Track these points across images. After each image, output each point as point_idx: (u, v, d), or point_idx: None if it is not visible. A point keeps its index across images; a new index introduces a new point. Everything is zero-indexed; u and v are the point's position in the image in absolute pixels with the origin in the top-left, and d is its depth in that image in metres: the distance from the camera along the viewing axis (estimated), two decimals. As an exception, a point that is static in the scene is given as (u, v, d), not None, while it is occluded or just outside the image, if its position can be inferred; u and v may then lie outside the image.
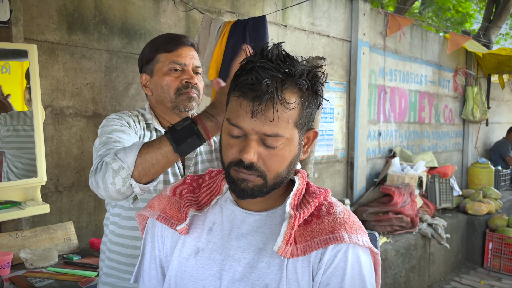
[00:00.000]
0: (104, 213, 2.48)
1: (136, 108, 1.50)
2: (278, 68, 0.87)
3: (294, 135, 0.91)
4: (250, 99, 0.86)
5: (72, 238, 2.14)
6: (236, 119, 0.89)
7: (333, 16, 3.95)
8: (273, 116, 0.86)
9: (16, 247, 1.94)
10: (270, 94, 0.85)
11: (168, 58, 1.42)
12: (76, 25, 2.31)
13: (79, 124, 2.35)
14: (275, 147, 0.89)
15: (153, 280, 1.05)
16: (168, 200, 1.05)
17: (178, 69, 1.42)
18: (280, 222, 0.95)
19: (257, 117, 0.86)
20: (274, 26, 3.38)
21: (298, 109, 0.89)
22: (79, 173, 2.37)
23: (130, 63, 2.54)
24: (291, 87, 0.88)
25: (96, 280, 1.76)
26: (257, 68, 0.86)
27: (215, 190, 1.03)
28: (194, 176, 1.09)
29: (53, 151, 2.25)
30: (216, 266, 0.95)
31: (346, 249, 0.90)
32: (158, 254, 1.05)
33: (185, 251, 0.99)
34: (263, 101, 0.85)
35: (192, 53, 1.45)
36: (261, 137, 0.88)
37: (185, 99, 1.39)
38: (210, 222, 1.00)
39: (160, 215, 1.03)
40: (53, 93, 2.25)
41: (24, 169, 1.95)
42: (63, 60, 2.27)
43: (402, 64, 4.82)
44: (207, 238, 0.98)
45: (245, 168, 0.89)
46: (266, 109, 0.85)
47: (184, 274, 0.97)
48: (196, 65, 1.45)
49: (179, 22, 2.78)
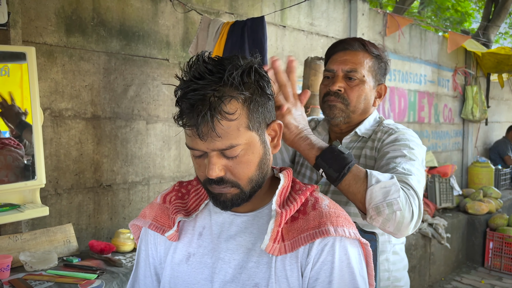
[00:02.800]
0: (103, 215, 2.48)
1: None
2: (209, 83, 0.85)
3: (252, 138, 0.89)
4: (193, 126, 0.85)
5: (72, 241, 2.14)
6: (191, 143, 0.89)
7: (331, 16, 3.95)
8: (219, 131, 0.85)
9: (16, 250, 1.93)
10: (206, 116, 0.83)
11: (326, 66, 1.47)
12: (74, 27, 2.31)
13: (78, 126, 2.35)
14: (236, 156, 0.88)
15: (148, 287, 1.07)
16: (159, 208, 1.06)
17: (328, 76, 1.43)
18: (267, 221, 0.96)
19: (205, 138, 0.85)
20: (273, 27, 3.37)
21: (245, 113, 0.87)
22: (78, 175, 2.36)
23: (129, 65, 2.54)
24: (229, 93, 0.85)
25: (96, 282, 1.76)
26: (188, 94, 0.85)
27: (203, 195, 1.04)
28: (183, 183, 1.10)
29: (52, 153, 2.25)
30: (207, 270, 0.96)
31: (333, 243, 0.91)
32: (152, 262, 1.06)
33: (176, 256, 1.00)
34: (203, 124, 0.84)
35: (346, 57, 1.40)
36: (219, 151, 0.88)
37: (326, 107, 1.41)
38: (200, 227, 1.01)
39: (152, 223, 1.04)
40: (52, 95, 2.24)
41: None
42: (62, 62, 2.27)
43: (401, 64, 4.82)
44: (197, 242, 0.99)
45: (216, 184, 0.90)
46: (210, 129, 0.85)
47: (177, 279, 0.98)
48: (346, 70, 1.38)
49: (178, 24, 2.78)
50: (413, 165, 1.23)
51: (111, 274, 1.87)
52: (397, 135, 1.34)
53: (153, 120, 2.67)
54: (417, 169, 1.23)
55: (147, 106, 2.63)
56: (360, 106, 1.40)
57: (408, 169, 1.20)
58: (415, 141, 1.33)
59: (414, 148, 1.29)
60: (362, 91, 1.38)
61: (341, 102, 1.38)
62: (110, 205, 2.51)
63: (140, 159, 2.62)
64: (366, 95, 1.40)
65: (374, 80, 1.42)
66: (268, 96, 0.93)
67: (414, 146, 1.30)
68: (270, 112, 0.95)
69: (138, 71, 2.59)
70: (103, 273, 1.85)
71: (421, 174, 1.24)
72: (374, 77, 1.41)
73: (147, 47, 2.62)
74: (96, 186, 2.44)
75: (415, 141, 1.33)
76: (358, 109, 1.40)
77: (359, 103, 1.39)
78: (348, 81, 1.38)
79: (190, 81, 0.86)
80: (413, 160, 1.24)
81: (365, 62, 1.39)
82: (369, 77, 1.39)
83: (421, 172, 1.25)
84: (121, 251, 2.17)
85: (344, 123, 1.43)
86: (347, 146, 1.43)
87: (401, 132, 1.35)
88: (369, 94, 1.40)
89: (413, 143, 1.30)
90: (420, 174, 1.23)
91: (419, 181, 1.20)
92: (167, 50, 2.73)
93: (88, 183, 2.40)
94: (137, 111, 2.59)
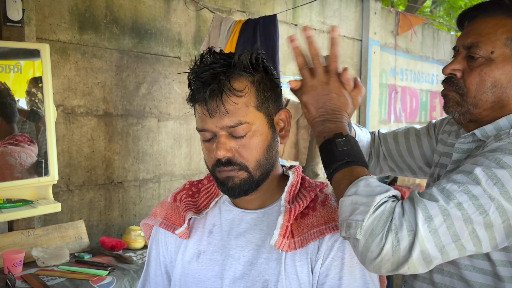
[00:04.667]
0: (114, 212, 2.49)
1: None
2: (218, 65, 0.88)
3: (261, 119, 0.91)
4: (203, 101, 0.88)
5: (83, 237, 2.15)
6: (201, 124, 0.91)
7: (343, 15, 3.92)
8: (228, 107, 0.87)
9: (28, 246, 1.95)
10: (216, 89, 0.87)
11: None
12: (87, 24, 2.32)
13: (90, 123, 2.36)
14: (244, 136, 0.89)
15: (159, 286, 1.07)
16: (169, 206, 1.07)
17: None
18: (276, 217, 0.95)
19: (214, 114, 0.87)
20: (285, 25, 3.36)
21: (254, 92, 0.90)
22: (90, 172, 2.38)
23: (141, 63, 2.54)
24: (237, 75, 0.89)
25: (107, 278, 1.77)
26: (200, 74, 0.89)
27: (213, 193, 1.05)
28: (193, 182, 1.11)
29: (64, 150, 2.27)
30: (217, 267, 0.96)
31: (343, 238, 0.90)
32: (163, 260, 1.07)
33: (187, 254, 1.01)
34: (213, 98, 0.87)
35: (472, 27, 1.02)
36: (228, 131, 0.89)
37: (443, 98, 1.09)
38: (210, 224, 1.02)
39: (162, 221, 1.05)
40: (65, 92, 2.26)
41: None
42: (75, 60, 2.28)
43: (413, 63, 4.77)
44: (207, 240, 1.00)
45: (224, 165, 0.90)
46: (219, 103, 0.87)
47: (187, 277, 0.99)
48: (467, 45, 1.00)
49: (190, 22, 2.78)
50: (468, 190, 0.80)
51: (122, 271, 1.87)
52: (505, 143, 0.88)
53: (164, 117, 2.68)
54: (469, 198, 0.79)
55: (159, 103, 2.64)
56: (485, 98, 0.98)
57: (448, 192, 0.80)
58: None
59: (507, 166, 0.82)
60: (487, 75, 0.97)
61: (454, 91, 1.01)
62: (121, 202, 2.52)
63: (151, 156, 2.63)
64: (497, 81, 0.97)
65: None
66: (275, 82, 0.95)
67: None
68: (278, 98, 0.96)
69: (150, 68, 2.59)
70: (114, 270, 1.86)
71: (471, 208, 0.79)
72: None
73: (159, 45, 2.63)
74: (108, 183, 2.45)
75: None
76: (483, 102, 0.98)
77: (483, 93, 0.98)
78: (470, 61, 0.99)
79: (202, 65, 0.90)
80: (477, 184, 0.81)
81: (500, 31, 0.96)
82: (504, 54, 0.96)
83: (477, 207, 0.79)
84: (132, 248, 2.18)
85: (468, 121, 1.02)
86: (464, 151, 1.03)
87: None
88: (503, 79, 0.97)
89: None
90: (468, 208, 0.79)
91: (448, 215, 0.78)
92: (179, 48, 2.73)
93: (99, 179, 2.42)
94: (149, 108, 2.60)
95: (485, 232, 0.80)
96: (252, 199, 0.98)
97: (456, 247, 0.80)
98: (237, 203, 1.01)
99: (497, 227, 0.80)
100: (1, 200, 1.81)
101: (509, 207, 0.80)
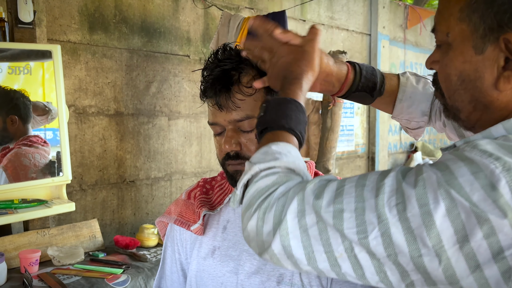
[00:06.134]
0: (127, 211, 2.51)
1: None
2: (230, 61, 0.90)
3: None
4: (213, 95, 0.90)
5: (97, 236, 2.17)
6: (211, 117, 0.93)
7: (352, 10, 3.90)
8: (236, 102, 0.88)
9: (44, 245, 1.97)
10: (225, 84, 0.88)
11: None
12: (97, 24, 2.33)
13: (102, 123, 2.38)
14: (252, 131, 0.90)
15: (175, 283, 1.08)
16: (183, 204, 1.08)
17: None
18: None
19: (224, 108, 0.89)
20: (293, 21, 3.35)
21: (262, 88, 0.90)
22: (102, 171, 2.39)
23: (150, 62, 2.55)
24: (247, 70, 0.90)
25: (122, 277, 1.78)
26: (213, 70, 0.91)
27: (227, 189, 1.05)
28: (207, 179, 1.12)
29: (76, 150, 2.28)
30: (232, 262, 0.97)
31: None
32: (178, 257, 1.08)
33: (202, 251, 1.01)
34: (222, 92, 0.89)
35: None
36: (236, 125, 0.90)
37: None
38: (224, 220, 1.02)
39: (177, 218, 1.05)
40: (76, 92, 2.27)
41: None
42: (85, 60, 2.30)
43: (423, 57, 4.73)
44: (222, 236, 1.00)
45: (232, 159, 0.92)
46: (228, 98, 0.89)
47: (203, 273, 0.99)
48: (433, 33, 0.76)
49: (198, 20, 2.78)
50: (362, 199, 0.60)
51: (137, 269, 1.89)
52: (453, 156, 0.60)
53: (174, 116, 2.68)
54: (355, 209, 0.59)
55: (169, 102, 2.65)
56: (459, 97, 0.69)
57: (342, 192, 0.62)
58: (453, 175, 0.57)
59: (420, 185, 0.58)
60: (448, 66, 0.69)
61: (437, 91, 0.76)
62: (133, 200, 2.53)
63: (162, 155, 2.64)
64: (462, 73, 0.67)
65: (482, 33, 0.63)
66: None
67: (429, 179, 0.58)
68: None
69: (160, 67, 2.60)
70: (128, 268, 1.88)
71: (349, 222, 0.59)
72: (477, 28, 0.64)
73: (168, 44, 2.63)
74: (120, 182, 2.47)
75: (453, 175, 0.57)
76: (460, 103, 0.70)
77: (454, 92, 0.70)
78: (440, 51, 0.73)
79: (216, 61, 0.92)
80: (376, 196, 0.59)
81: (452, 2, 0.67)
82: (462, 33, 0.66)
83: (353, 208, 0.60)
84: (145, 246, 2.19)
85: (465, 129, 0.75)
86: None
87: (460, 155, 0.59)
88: (468, 68, 0.66)
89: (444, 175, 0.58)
90: (348, 209, 0.60)
91: (320, 217, 0.61)
92: (188, 46, 2.73)
93: (111, 179, 2.43)
94: (159, 107, 2.61)
95: (368, 258, 0.59)
96: None
97: (327, 258, 0.61)
98: None
99: (383, 259, 0.58)
100: (16, 201, 1.83)
101: (399, 241, 0.57)
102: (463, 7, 0.65)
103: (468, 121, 0.72)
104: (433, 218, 0.55)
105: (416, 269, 0.57)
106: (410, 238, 0.56)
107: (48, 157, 1.97)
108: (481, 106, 0.68)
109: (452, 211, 0.55)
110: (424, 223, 0.56)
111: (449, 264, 0.55)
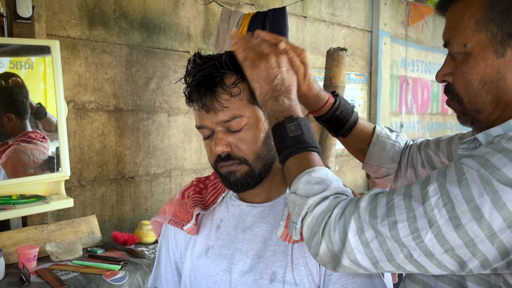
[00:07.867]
0: (126, 207, 2.51)
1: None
2: (213, 65, 0.91)
3: (256, 112, 0.92)
4: (199, 98, 0.91)
5: (96, 232, 2.17)
6: (199, 121, 0.94)
7: (353, 6, 3.88)
8: (222, 103, 0.89)
9: (42, 241, 1.97)
10: (209, 86, 0.89)
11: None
12: (96, 20, 2.32)
13: (101, 118, 2.37)
14: (241, 130, 0.91)
15: (170, 283, 1.09)
16: (178, 203, 1.09)
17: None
18: (283, 210, 0.96)
19: (210, 110, 0.90)
20: (294, 18, 3.33)
21: (246, 88, 0.91)
22: (101, 167, 2.39)
23: (150, 57, 2.54)
24: (229, 71, 0.91)
25: (120, 273, 1.78)
26: (195, 75, 0.92)
27: (220, 189, 1.06)
28: (201, 178, 1.13)
29: (75, 145, 2.28)
30: (225, 261, 0.98)
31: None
32: (173, 257, 1.09)
33: (196, 250, 1.02)
34: (207, 95, 0.89)
35: (447, 20, 0.85)
36: (224, 126, 0.91)
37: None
38: (217, 219, 1.03)
39: (171, 218, 1.07)
40: (75, 88, 2.27)
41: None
42: (85, 55, 2.29)
43: (424, 54, 4.71)
44: (215, 235, 1.01)
45: (224, 160, 0.92)
46: (213, 100, 0.89)
47: (197, 272, 1.01)
48: (444, 44, 0.86)
49: (198, 16, 2.77)
50: (411, 209, 0.68)
51: (135, 265, 1.89)
52: (490, 149, 0.68)
53: (174, 112, 2.68)
54: (407, 218, 0.68)
55: (169, 98, 2.64)
56: (480, 100, 0.78)
57: (392, 207, 0.70)
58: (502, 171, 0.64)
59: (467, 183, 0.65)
60: (469, 73, 0.78)
61: (453, 100, 0.84)
62: (132, 196, 2.53)
63: (162, 151, 2.64)
64: (484, 77, 0.77)
65: (501, 39, 0.74)
66: None
67: (486, 176, 0.65)
68: None
69: (160, 63, 2.59)
70: (126, 264, 1.88)
71: (404, 231, 0.67)
72: (495, 36, 0.74)
73: (168, 40, 2.62)
74: (119, 178, 2.47)
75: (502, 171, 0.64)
76: (481, 105, 0.79)
77: (475, 96, 0.79)
78: (454, 61, 0.82)
79: (197, 65, 0.94)
80: (423, 203, 0.67)
81: (467, 16, 0.77)
82: (480, 42, 0.76)
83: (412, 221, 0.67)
84: (144, 242, 2.19)
85: (483, 128, 0.79)
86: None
87: (497, 147, 0.67)
88: (490, 72, 0.76)
89: (495, 171, 0.64)
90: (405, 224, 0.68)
91: (378, 232, 0.69)
92: (188, 42, 2.72)
93: (111, 175, 2.43)
94: (159, 103, 2.60)
95: (427, 260, 0.68)
96: (258, 192, 0.99)
97: (391, 265, 0.71)
98: (243, 197, 1.02)
99: (441, 255, 0.66)
100: (15, 196, 1.83)
101: (453, 237, 0.65)
102: (479, 20, 0.76)
103: (486, 122, 0.80)
104: (481, 212, 0.63)
105: (473, 256, 0.65)
106: (462, 233, 0.64)
107: (47, 153, 1.96)
108: (502, 105, 0.77)
109: (497, 203, 0.63)
110: (474, 217, 0.64)
111: (502, 243, 0.64)
